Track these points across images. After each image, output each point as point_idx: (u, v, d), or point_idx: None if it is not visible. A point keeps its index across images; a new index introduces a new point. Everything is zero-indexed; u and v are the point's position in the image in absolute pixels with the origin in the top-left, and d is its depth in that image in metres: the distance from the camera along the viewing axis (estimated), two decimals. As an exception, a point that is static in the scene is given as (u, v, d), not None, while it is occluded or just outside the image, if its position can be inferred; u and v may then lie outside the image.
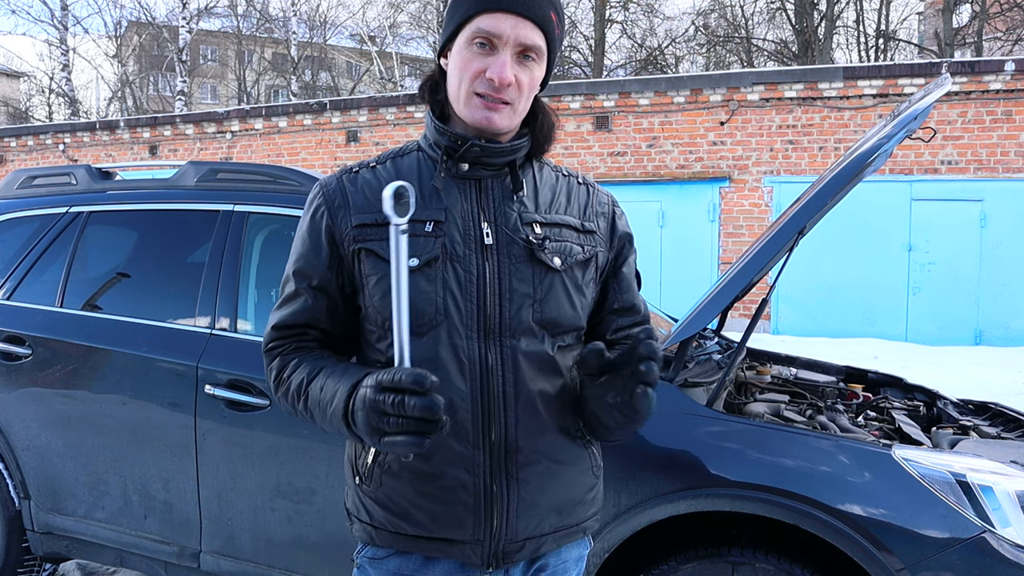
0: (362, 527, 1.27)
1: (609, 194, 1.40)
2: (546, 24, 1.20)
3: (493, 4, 1.17)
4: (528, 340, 1.21)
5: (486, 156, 1.23)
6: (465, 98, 1.20)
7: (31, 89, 29.43)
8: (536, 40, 1.19)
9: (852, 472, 1.92)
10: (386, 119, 11.87)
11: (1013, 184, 9.19)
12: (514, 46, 1.18)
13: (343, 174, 1.29)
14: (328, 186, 1.28)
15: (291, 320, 1.26)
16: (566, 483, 1.26)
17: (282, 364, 1.25)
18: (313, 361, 1.23)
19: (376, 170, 1.28)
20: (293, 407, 1.24)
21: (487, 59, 1.18)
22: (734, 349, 2.41)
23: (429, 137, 1.28)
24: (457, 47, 1.21)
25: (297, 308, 1.26)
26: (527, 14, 1.17)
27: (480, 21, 1.17)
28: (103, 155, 13.75)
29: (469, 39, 1.18)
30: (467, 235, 1.21)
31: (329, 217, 1.25)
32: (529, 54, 1.19)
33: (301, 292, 1.26)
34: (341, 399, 1.12)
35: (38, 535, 2.82)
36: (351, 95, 21.68)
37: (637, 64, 23.70)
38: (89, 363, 2.66)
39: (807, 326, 9.90)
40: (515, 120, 1.23)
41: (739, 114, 10.10)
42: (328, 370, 1.19)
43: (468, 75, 1.18)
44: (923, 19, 25.53)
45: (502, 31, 1.17)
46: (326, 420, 1.17)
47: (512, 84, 1.18)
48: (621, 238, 1.36)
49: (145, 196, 2.85)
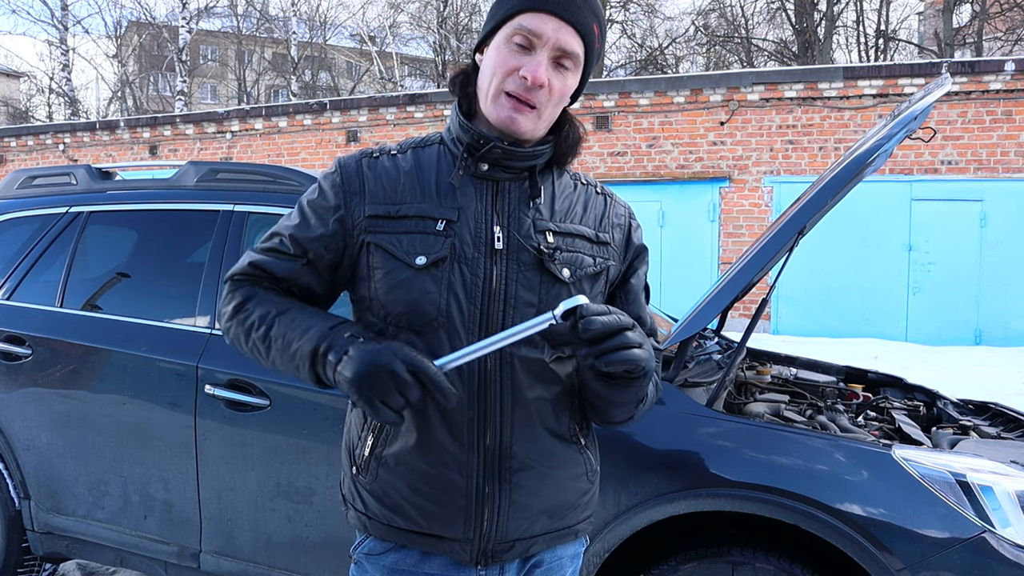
0: (357, 515, 1.28)
1: (626, 205, 1.38)
2: (587, 33, 1.19)
3: (539, 4, 1.16)
4: (527, 348, 1.20)
5: (507, 158, 1.22)
6: (494, 94, 1.19)
7: (31, 89, 29.46)
8: (575, 47, 1.18)
9: (852, 472, 1.92)
10: (386, 119, 11.86)
11: (1013, 184, 9.19)
12: (552, 49, 1.17)
13: (363, 157, 1.27)
14: (347, 168, 1.26)
15: (273, 269, 1.25)
16: (558, 488, 1.26)
17: (249, 293, 1.24)
18: (287, 299, 1.23)
19: (396, 159, 1.27)
20: (246, 336, 1.21)
21: (523, 58, 1.17)
22: (734, 349, 2.41)
23: (452, 131, 1.27)
24: (496, 43, 1.20)
25: (283, 264, 1.25)
26: (570, 19, 1.16)
27: (523, 19, 1.16)
28: (103, 155, 13.75)
29: (509, 36, 1.18)
30: (478, 237, 1.20)
31: (343, 199, 1.23)
32: (565, 61, 1.18)
33: (292, 255, 1.25)
34: (316, 333, 1.13)
35: (38, 535, 2.82)
36: (351, 95, 21.69)
37: (637, 64, 23.71)
38: (89, 363, 2.66)
39: (807, 326, 9.90)
40: (539, 126, 1.21)
41: (739, 114, 10.10)
42: (303, 308, 1.20)
43: (501, 71, 1.17)
44: (923, 19, 25.53)
45: (543, 32, 1.16)
46: (288, 352, 1.16)
47: (544, 87, 1.17)
48: (635, 250, 1.35)
49: (145, 196, 2.85)
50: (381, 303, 1.21)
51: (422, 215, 1.20)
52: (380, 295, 1.20)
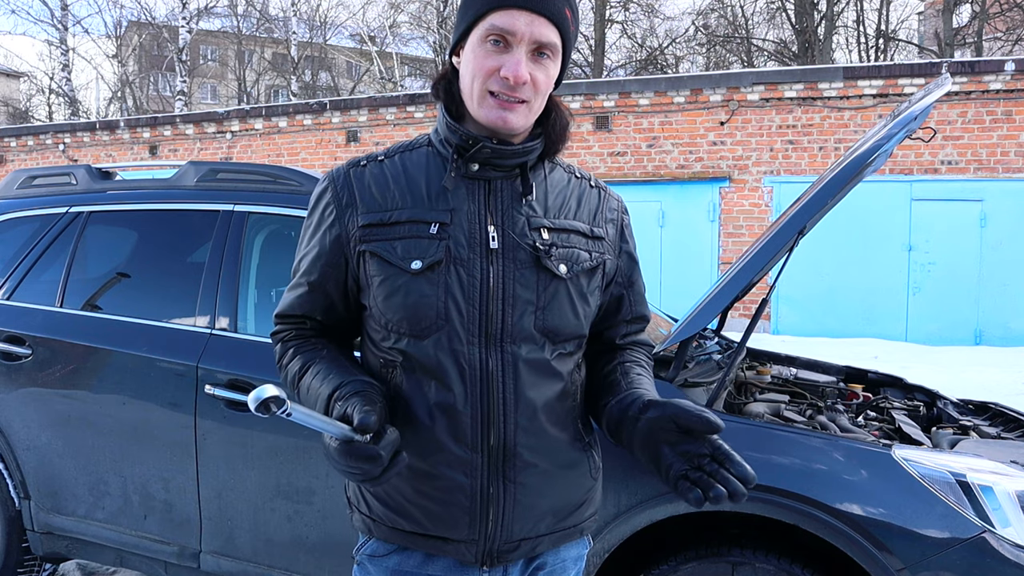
0: (361, 518, 1.28)
1: (619, 199, 1.38)
2: (561, 21, 1.17)
3: (507, 1, 1.14)
4: (529, 347, 1.20)
5: (497, 158, 1.20)
6: (479, 97, 1.17)
7: (31, 89, 29.45)
8: (552, 37, 1.16)
9: (852, 472, 1.92)
10: (386, 119, 11.86)
11: (1013, 184, 9.19)
12: (529, 44, 1.15)
13: (351, 167, 1.27)
14: (336, 181, 1.26)
15: (290, 310, 1.31)
16: (563, 486, 1.26)
17: (283, 351, 1.31)
18: (306, 353, 1.27)
19: (384, 165, 1.26)
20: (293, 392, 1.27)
21: (501, 57, 1.15)
22: (734, 349, 2.40)
23: (440, 133, 1.26)
24: (470, 44, 1.18)
25: (296, 299, 1.29)
26: (542, 11, 1.14)
27: (494, 18, 1.14)
28: (103, 155, 13.75)
29: (483, 36, 1.16)
30: (472, 238, 1.19)
31: (336, 216, 1.24)
32: (544, 52, 1.16)
33: (302, 284, 1.28)
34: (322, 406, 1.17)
35: (38, 535, 2.82)
36: (351, 95, 21.68)
37: (637, 64, 23.71)
38: (89, 363, 2.66)
39: (807, 326, 9.90)
40: (530, 119, 1.20)
41: (739, 114, 10.10)
42: (316, 367, 1.23)
43: (482, 74, 1.16)
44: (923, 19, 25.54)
45: (517, 28, 1.14)
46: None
47: (527, 82, 1.15)
48: (629, 251, 1.36)
49: (145, 196, 2.85)
50: (380, 311, 1.21)
51: (415, 219, 1.20)
52: (379, 303, 1.20)
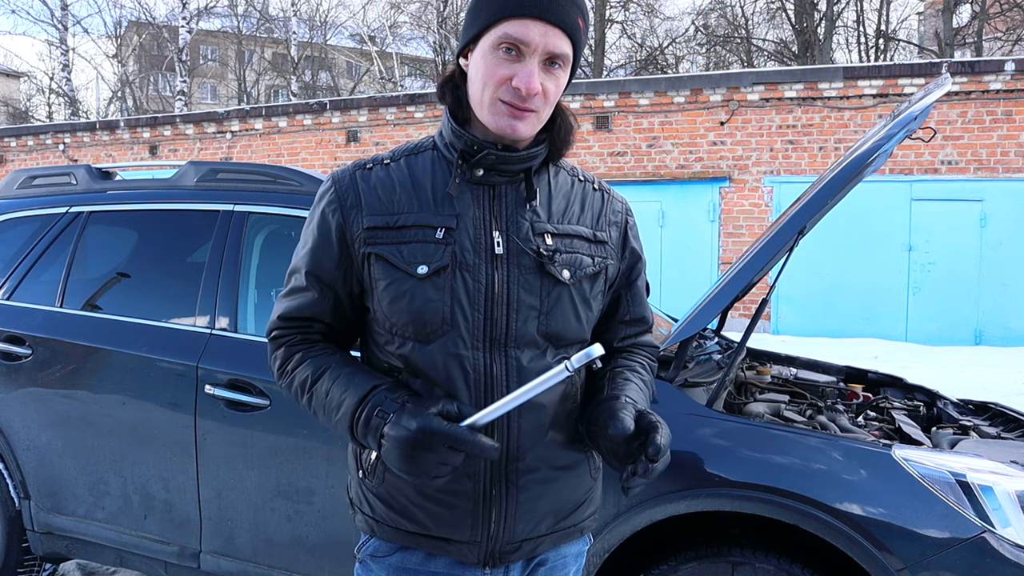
0: (364, 519, 1.28)
1: (624, 201, 1.38)
2: (574, 32, 1.15)
3: (522, 10, 1.12)
4: (531, 352, 1.21)
5: (502, 163, 1.20)
6: (489, 104, 1.16)
7: (31, 89, 29.46)
8: (564, 48, 1.15)
9: (852, 472, 1.92)
10: (386, 119, 11.86)
11: (1013, 184, 9.19)
12: (542, 55, 1.13)
13: (356, 169, 1.26)
14: (341, 182, 1.25)
15: (297, 312, 1.27)
16: (565, 488, 1.27)
17: (287, 355, 1.27)
18: (317, 358, 1.24)
19: (390, 168, 1.25)
20: (297, 400, 1.26)
21: (513, 66, 1.13)
22: (734, 349, 2.40)
23: (445, 137, 1.25)
24: (481, 50, 1.16)
25: (304, 301, 1.26)
26: (556, 22, 1.13)
27: (507, 26, 1.12)
28: (103, 155, 13.75)
29: (495, 44, 1.14)
30: (477, 243, 1.20)
31: (341, 216, 1.23)
32: (556, 62, 1.15)
33: (309, 287, 1.26)
34: (348, 410, 1.16)
35: (38, 535, 2.82)
36: (351, 95, 21.67)
37: (637, 64, 23.71)
38: (89, 363, 2.66)
39: (807, 326, 9.90)
40: (538, 127, 1.20)
41: (739, 114, 10.10)
42: (333, 372, 1.21)
43: (493, 82, 1.14)
44: (923, 19, 25.53)
45: (531, 39, 1.12)
46: (331, 423, 1.21)
47: (539, 93, 1.14)
48: (632, 253, 1.36)
49: (145, 196, 2.85)
50: (385, 314, 1.20)
51: (421, 224, 1.19)
52: (384, 306, 1.20)
